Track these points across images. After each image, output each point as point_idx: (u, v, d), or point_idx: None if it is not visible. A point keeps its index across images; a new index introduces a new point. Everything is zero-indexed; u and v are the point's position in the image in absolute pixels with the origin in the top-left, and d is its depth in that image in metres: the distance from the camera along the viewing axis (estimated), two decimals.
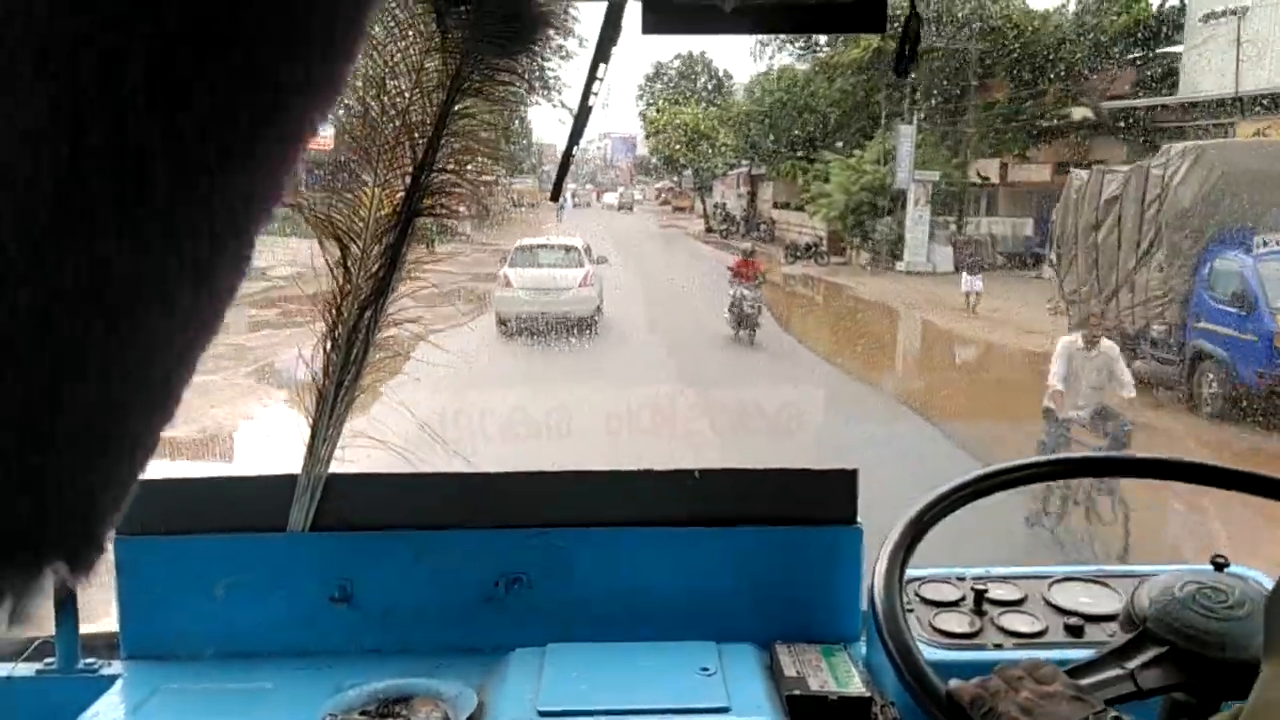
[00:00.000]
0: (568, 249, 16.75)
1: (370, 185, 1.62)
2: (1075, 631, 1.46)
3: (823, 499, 1.65)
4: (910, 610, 1.48)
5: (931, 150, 24.35)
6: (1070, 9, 25.36)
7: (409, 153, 1.60)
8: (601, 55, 1.29)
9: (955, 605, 1.53)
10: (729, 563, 1.64)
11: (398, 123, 1.60)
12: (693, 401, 10.13)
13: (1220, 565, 1.23)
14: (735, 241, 29.06)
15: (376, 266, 1.62)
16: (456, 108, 1.58)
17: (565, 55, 1.61)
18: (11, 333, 0.30)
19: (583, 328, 15.10)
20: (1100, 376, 7.15)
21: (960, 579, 1.58)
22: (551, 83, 1.65)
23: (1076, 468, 1.43)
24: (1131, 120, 20.78)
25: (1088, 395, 7.15)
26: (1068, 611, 1.50)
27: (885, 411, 11.04)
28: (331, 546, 1.63)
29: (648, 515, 1.65)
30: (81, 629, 1.62)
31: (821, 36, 25.03)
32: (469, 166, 1.65)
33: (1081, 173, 13.93)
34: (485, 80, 1.58)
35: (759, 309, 14.99)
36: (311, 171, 1.21)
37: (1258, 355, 10.16)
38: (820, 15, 1.24)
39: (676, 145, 35.16)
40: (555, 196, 1.94)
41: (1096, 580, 1.57)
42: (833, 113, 27.88)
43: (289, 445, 1.72)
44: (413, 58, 1.56)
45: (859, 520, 1.65)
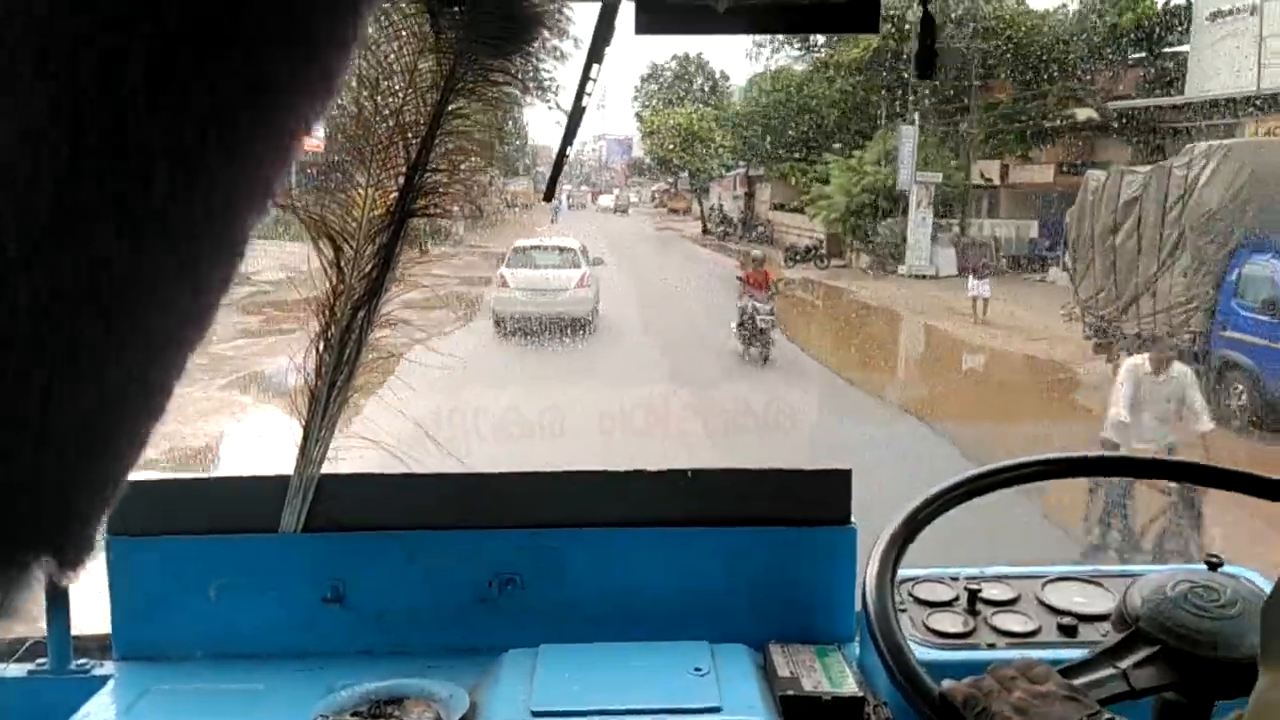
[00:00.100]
0: (564, 250, 16.78)
1: (364, 185, 1.62)
2: (1068, 631, 1.46)
3: (817, 499, 1.65)
4: (903, 610, 1.48)
5: (933, 151, 24.10)
6: (1071, 8, 25.34)
7: (403, 153, 1.60)
8: (595, 56, 1.29)
9: (949, 605, 1.53)
10: (722, 563, 1.64)
11: (391, 123, 1.60)
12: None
13: (1214, 565, 1.23)
14: (732, 244, 28.99)
15: (370, 266, 1.61)
16: (450, 108, 1.58)
17: (560, 56, 1.61)
18: (11, 332, 0.30)
19: (577, 328, 15.09)
20: (1169, 406, 6.25)
21: (954, 579, 1.58)
22: (546, 84, 1.65)
23: (1070, 468, 1.43)
24: (1136, 120, 20.52)
25: (1153, 428, 6.24)
26: (1061, 611, 1.50)
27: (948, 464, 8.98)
28: (324, 547, 1.63)
29: (641, 515, 1.65)
30: (73, 630, 1.62)
31: (819, 36, 24.92)
32: (463, 167, 1.65)
33: (1098, 173, 13.10)
34: (479, 81, 1.57)
35: (772, 323, 13.57)
36: (304, 171, 1.20)
37: None
38: (814, 15, 1.24)
39: (672, 147, 35.10)
40: (549, 196, 1.94)
41: (1090, 580, 1.58)
42: (832, 113, 27.70)
43: (272, 460, 1.69)
44: (406, 58, 1.56)
45: (853, 521, 1.66)
